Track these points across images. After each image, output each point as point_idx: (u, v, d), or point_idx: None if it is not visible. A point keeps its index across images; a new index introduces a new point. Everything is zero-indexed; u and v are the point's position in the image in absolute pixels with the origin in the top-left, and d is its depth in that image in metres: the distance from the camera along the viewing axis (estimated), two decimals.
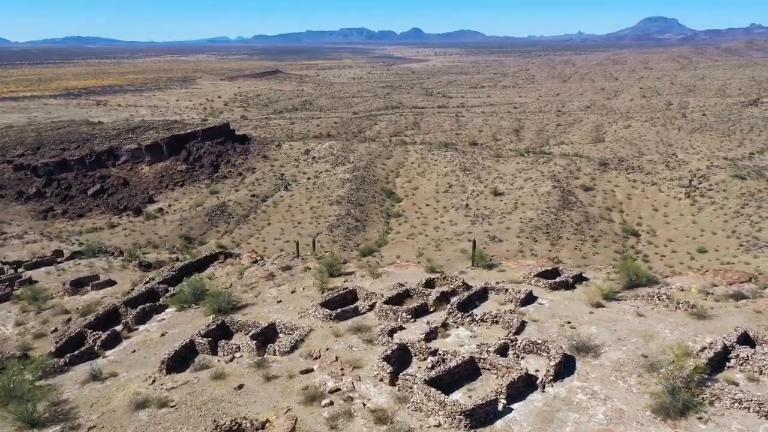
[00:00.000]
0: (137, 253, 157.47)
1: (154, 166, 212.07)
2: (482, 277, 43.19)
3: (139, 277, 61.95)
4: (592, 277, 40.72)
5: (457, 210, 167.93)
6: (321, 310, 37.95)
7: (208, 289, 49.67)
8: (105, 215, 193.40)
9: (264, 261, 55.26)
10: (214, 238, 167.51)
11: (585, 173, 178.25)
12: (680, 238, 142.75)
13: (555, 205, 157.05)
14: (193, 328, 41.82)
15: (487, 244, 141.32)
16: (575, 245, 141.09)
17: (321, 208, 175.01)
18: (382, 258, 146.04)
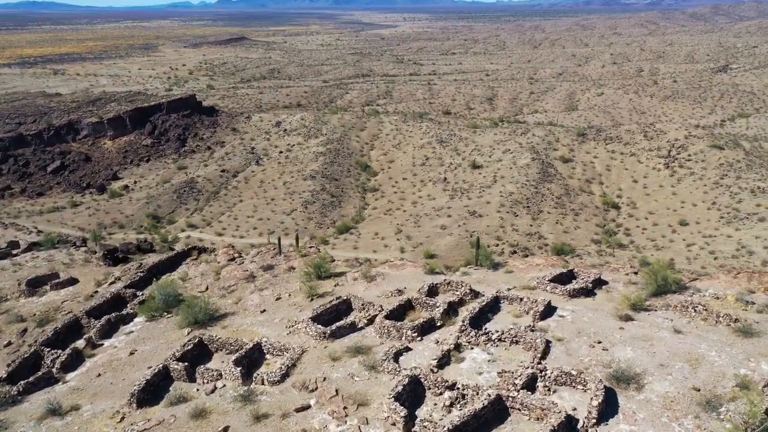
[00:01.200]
0: (102, 234, 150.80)
1: (118, 140, 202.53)
2: (488, 279, 39.15)
3: (104, 275, 56.49)
4: (610, 279, 36.99)
5: (434, 184, 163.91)
6: (313, 326, 33.47)
7: (181, 294, 44.78)
8: (67, 193, 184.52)
9: (242, 258, 50.35)
10: (183, 216, 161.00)
11: (563, 144, 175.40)
12: (661, 210, 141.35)
13: (535, 178, 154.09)
14: (167, 345, 37.10)
15: (468, 219, 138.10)
16: (556, 219, 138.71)
17: (294, 184, 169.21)
18: (360, 235, 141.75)
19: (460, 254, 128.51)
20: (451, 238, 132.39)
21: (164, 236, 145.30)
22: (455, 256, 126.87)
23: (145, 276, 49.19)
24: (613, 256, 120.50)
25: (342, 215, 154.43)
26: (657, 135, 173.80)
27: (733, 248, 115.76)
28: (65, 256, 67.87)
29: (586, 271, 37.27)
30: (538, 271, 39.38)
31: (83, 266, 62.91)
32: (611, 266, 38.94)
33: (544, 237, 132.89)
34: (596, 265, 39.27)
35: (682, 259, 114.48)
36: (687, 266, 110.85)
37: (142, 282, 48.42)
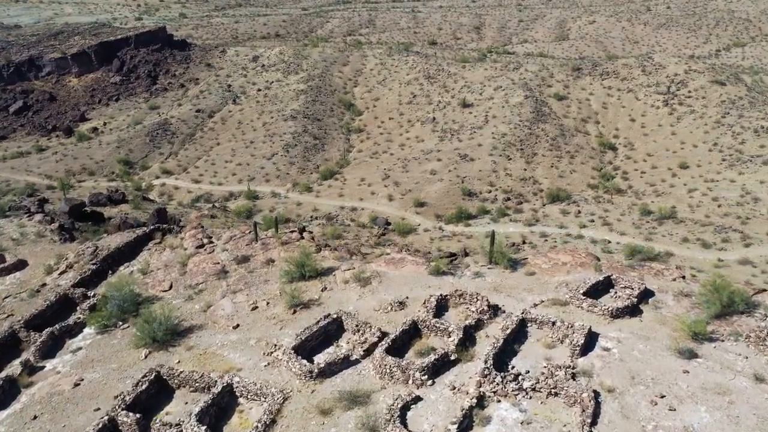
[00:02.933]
0: (71, 183, 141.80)
1: (84, 78, 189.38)
2: (507, 285, 32.69)
3: (57, 258, 49.24)
4: (656, 287, 30.67)
5: (423, 124, 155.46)
6: (296, 362, 26.99)
7: (140, 295, 37.97)
8: (31, 136, 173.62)
9: (213, 244, 43.29)
10: (157, 162, 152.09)
11: (558, 80, 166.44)
12: (660, 151, 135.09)
13: (528, 117, 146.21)
14: (119, 372, 30.61)
15: (458, 163, 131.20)
16: (551, 163, 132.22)
17: (275, 125, 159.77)
18: (345, 181, 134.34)
19: (451, 202, 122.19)
20: (441, 184, 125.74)
21: (137, 184, 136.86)
22: (446, 204, 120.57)
23: (99, 268, 42.12)
24: (612, 203, 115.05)
25: (326, 159, 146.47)
26: (656, 70, 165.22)
27: (737, 194, 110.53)
28: (16, 228, 60.15)
29: (625, 278, 30.91)
30: (565, 273, 33.00)
31: (35, 243, 55.40)
32: (653, 269, 32.61)
33: (539, 182, 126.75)
34: (634, 267, 32.87)
35: (684, 206, 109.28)
36: (690, 215, 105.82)
37: (95, 276, 41.41)
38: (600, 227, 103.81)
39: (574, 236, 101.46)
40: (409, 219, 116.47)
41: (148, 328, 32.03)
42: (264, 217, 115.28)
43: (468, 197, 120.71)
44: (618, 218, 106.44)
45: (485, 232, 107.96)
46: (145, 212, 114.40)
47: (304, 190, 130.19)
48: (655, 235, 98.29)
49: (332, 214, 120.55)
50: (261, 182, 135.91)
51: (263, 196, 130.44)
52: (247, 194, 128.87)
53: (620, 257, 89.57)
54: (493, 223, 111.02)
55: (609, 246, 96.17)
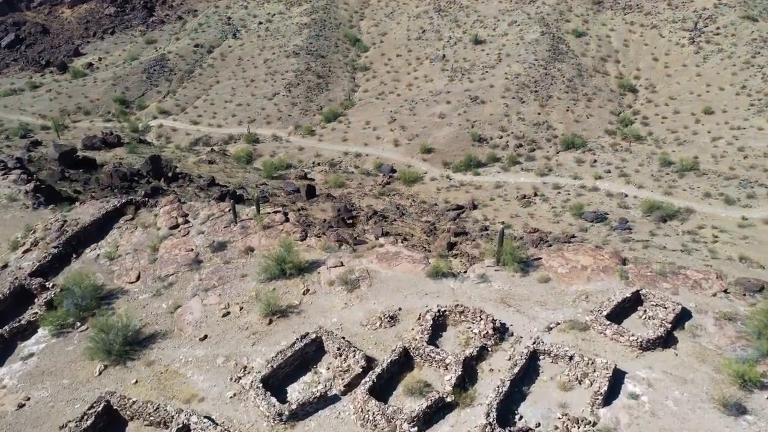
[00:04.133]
0: (66, 123, 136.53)
1: (77, 8, 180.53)
2: (516, 295, 28.07)
3: (24, 231, 44.97)
4: (693, 306, 25.84)
5: (432, 62, 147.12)
6: (265, 400, 22.86)
7: (101, 288, 33.86)
8: (25, 72, 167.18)
9: (189, 223, 38.75)
10: (154, 101, 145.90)
11: (576, 14, 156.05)
12: (683, 94, 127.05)
13: (544, 56, 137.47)
14: (70, 391, 26.80)
15: (468, 106, 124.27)
16: (567, 106, 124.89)
17: (276, 62, 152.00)
18: (349, 125, 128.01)
19: (460, 148, 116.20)
20: (450, 129, 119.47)
21: (134, 125, 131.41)
22: (454, 150, 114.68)
23: (62, 251, 37.83)
24: (630, 152, 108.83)
25: (329, 99, 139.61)
26: (682, 3, 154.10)
27: (765, 144, 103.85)
28: None
29: (656, 293, 26.16)
30: (585, 281, 28.31)
31: (6, 209, 50.93)
32: (689, 278, 27.69)
33: (553, 127, 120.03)
34: (666, 275, 28.00)
35: (707, 156, 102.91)
36: (713, 166, 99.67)
37: (57, 261, 37.17)
38: (616, 179, 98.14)
39: (588, 188, 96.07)
40: (416, 166, 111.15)
41: (103, 340, 27.96)
42: (264, 163, 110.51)
43: (478, 143, 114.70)
44: (636, 169, 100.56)
45: (495, 182, 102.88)
46: (141, 157, 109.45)
47: (307, 134, 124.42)
48: (675, 188, 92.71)
49: (335, 160, 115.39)
50: (262, 124, 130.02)
51: (264, 139, 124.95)
52: (247, 137, 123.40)
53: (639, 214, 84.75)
54: (504, 172, 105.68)
55: (625, 200, 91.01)
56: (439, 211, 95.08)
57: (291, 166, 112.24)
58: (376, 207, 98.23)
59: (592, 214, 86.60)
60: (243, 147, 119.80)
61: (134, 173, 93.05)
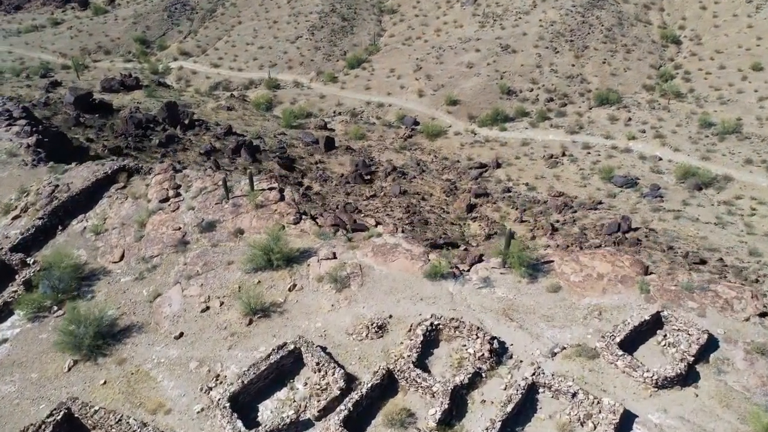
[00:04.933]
0: (86, 62, 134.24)
1: None
2: (521, 306, 25.11)
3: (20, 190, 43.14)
4: (721, 332, 22.55)
5: (463, 6, 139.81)
6: (230, 424, 20.78)
7: (83, 267, 32.00)
8: (47, 7, 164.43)
9: (180, 197, 36.33)
10: (175, 41, 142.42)
11: None
12: (731, 48, 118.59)
13: (582, 2, 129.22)
14: (37, 388, 25.18)
15: (498, 56, 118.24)
16: (603, 58, 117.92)
17: (301, 2, 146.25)
18: (373, 72, 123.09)
19: (487, 101, 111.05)
20: (477, 79, 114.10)
21: (154, 66, 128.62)
22: (481, 102, 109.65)
23: (47, 223, 35.90)
24: (668, 110, 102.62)
25: (354, 44, 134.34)
26: None
27: None
28: None
29: (680, 315, 22.88)
30: (600, 293, 25.21)
31: (4, 166, 49.11)
32: (720, 297, 24.28)
33: (587, 80, 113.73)
34: (693, 290, 24.60)
35: (752, 119, 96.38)
36: (758, 129, 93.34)
37: (41, 234, 35.30)
38: (651, 140, 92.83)
39: (620, 150, 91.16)
40: (440, 119, 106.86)
41: (73, 333, 26.11)
42: (284, 111, 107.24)
43: (506, 96, 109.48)
44: (673, 130, 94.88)
45: (521, 139, 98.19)
46: (159, 101, 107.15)
47: (329, 81, 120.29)
48: (714, 153, 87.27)
49: (357, 109, 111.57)
50: (283, 69, 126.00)
51: (285, 85, 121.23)
52: (267, 83, 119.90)
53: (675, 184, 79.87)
54: (531, 129, 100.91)
55: (659, 164, 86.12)
56: (461, 168, 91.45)
57: (311, 114, 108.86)
58: (396, 162, 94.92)
59: (622, 178, 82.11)
60: (263, 93, 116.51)
61: (150, 120, 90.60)
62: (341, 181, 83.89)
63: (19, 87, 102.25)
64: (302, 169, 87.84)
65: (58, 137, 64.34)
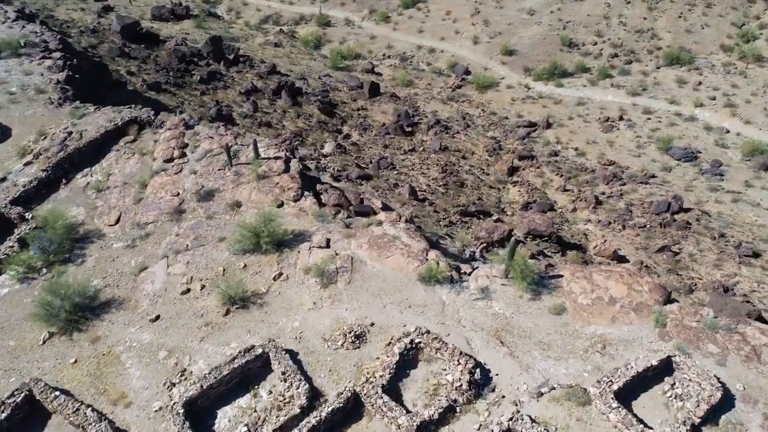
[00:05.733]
0: None
1: None
2: (517, 325, 22.48)
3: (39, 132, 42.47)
4: (741, 387, 19.40)
5: None
6: (183, 429, 19.59)
7: (78, 228, 31.08)
8: None
9: (185, 158, 34.68)
10: None
11: None
12: None
13: None
14: (13, 355, 24.62)
15: (563, 3, 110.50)
16: (679, 11, 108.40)
17: None
18: (428, 13, 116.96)
19: (546, 53, 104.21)
20: (537, 28, 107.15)
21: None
22: (539, 54, 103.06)
23: (51, 176, 35.02)
24: (745, 76, 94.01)
25: None
26: None
27: None
28: (21, 75, 53.27)
29: (694, 363, 19.78)
30: (609, 321, 22.29)
31: (30, 103, 48.25)
32: (747, 341, 20.85)
33: (659, 36, 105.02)
34: (717, 331, 21.27)
35: None
36: None
37: (44, 187, 34.50)
38: (721, 109, 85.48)
39: (684, 117, 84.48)
40: (493, 70, 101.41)
41: (51, 305, 25.28)
42: (332, 51, 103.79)
43: (567, 48, 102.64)
44: (747, 99, 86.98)
45: (578, 97, 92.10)
46: (207, 32, 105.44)
47: (381, 20, 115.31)
48: None
49: (407, 54, 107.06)
50: (335, 5, 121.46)
51: (336, 22, 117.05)
52: (318, 19, 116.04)
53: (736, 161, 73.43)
54: (590, 87, 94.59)
55: (725, 138, 79.44)
56: (509, 126, 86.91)
57: (359, 56, 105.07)
58: (441, 114, 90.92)
59: (682, 150, 76.18)
60: (313, 30, 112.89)
61: (194, 54, 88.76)
62: (381, 131, 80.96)
63: (73, 10, 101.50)
64: (343, 116, 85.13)
65: (96, 70, 63.42)
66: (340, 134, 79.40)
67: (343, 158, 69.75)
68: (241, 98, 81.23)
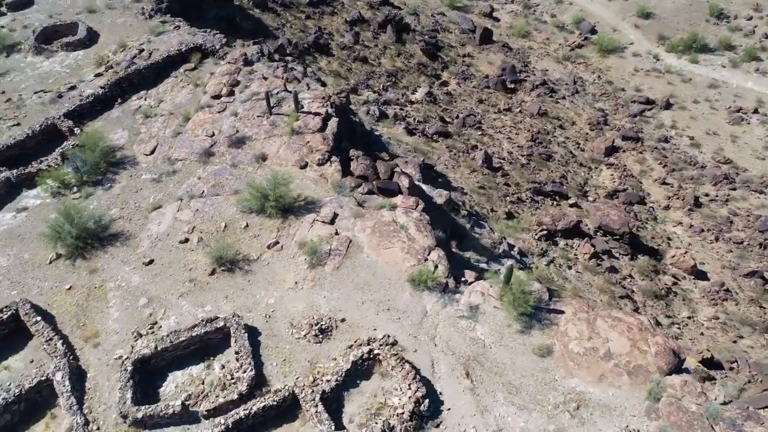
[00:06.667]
0: None
1: None
2: (492, 358, 20.08)
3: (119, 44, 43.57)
4: None
5: None
6: (123, 391, 19.70)
7: (115, 151, 31.78)
8: None
9: (232, 97, 34.10)
10: None
11: None
12: None
13: None
14: (20, 272, 25.94)
15: None
16: None
17: None
18: None
19: (688, 21, 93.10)
20: None
21: None
22: (680, 22, 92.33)
23: (107, 93, 35.77)
24: None
25: None
26: None
27: None
28: None
29: None
30: (596, 378, 19.39)
31: (122, 12, 49.14)
32: None
33: None
34: (719, 421, 18.06)
35: None
36: None
37: (99, 104, 35.36)
38: None
39: None
40: (623, 32, 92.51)
41: (61, 227, 26.18)
42: None
43: (714, 20, 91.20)
44: None
45: (711, 79, 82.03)
46: None
47: None
48: None
49: (530, 2, 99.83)
50: None
51: None
52: None
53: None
54: (729, 68, 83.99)
55: None
56: (622, 100, 79.64)
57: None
58: (551, 74, 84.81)
59: None
60: None
61: None
62: (481, 83, 76.83)
63: None
64: (446, 61, 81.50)
65: None
66: (438, 80, 76.16)
67: (429, 108, 67.01)
68: (345, 27, 79.36)
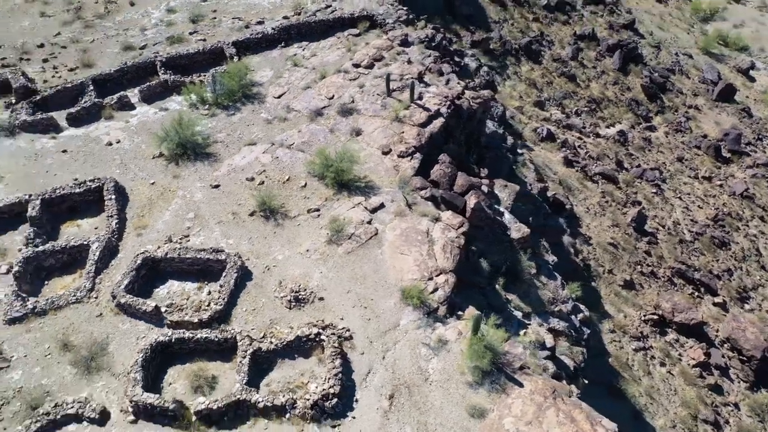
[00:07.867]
0: None
1: None
2: (426, 396, 19.16)
3: None
4: None
5: None
6: (127, 277, 22.87)
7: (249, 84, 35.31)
8: None
9: (371, 69, 35.61)
10: None
11: None
12: None
13: None
14: (133, 157, 30.62)
15: None
16: None
17: None
18: None
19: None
20: None
21: None
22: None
23: (275, 35, 39.43)
24: None
25: None
26: None
27: None
28: None
29: None
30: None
31: None
32: None
33: None
34: None
35: None
36: None
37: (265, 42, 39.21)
38: None
39: None
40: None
41: (168, 132, 30.37)
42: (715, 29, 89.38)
43: None
44: None
45: None
46: None
47: None
48: None
49: None
50: None
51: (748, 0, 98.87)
52: None
53: None
54: None
55: None
56: None
57: (746, 49, 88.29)
58: None
59: None
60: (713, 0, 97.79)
61: None
62: (692, 141, 69.32)
63: None
64: (666, 105, 75.50)
65: None
66: (645, 122, 70.44)
67: (612, 147, 62.51)
68: (569, 40, 76.58)
